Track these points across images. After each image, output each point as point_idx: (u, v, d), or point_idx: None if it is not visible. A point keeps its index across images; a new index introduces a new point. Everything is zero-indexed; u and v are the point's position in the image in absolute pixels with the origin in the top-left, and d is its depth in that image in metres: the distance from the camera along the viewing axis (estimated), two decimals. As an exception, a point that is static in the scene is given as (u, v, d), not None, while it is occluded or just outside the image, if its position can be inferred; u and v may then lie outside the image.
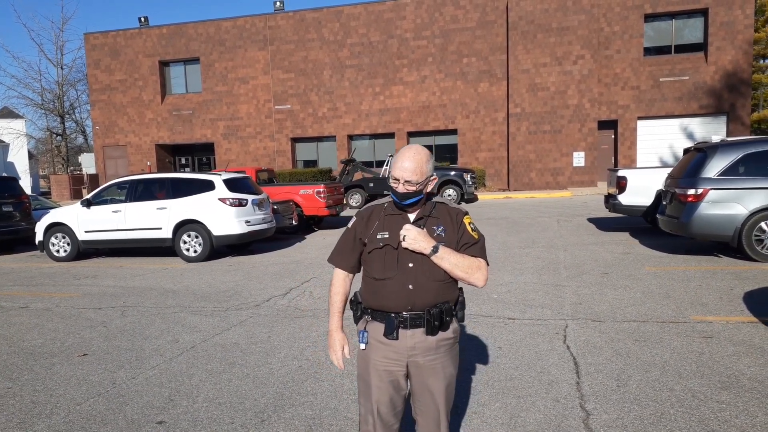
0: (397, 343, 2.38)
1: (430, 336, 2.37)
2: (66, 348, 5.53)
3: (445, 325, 2.40)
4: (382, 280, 2.38)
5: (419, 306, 2.35)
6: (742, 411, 3.57)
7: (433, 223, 2.42)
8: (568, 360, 4.60)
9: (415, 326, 2.36)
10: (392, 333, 2.36)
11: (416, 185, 2.33)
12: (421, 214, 2.44)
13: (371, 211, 2.51)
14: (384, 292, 2.38)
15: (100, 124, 31.43)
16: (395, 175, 2.35)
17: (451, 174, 20.62)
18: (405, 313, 2.36)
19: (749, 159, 8.21)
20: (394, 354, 2.39)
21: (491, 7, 25.61)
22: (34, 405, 4.15)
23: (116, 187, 11.65)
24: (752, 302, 6.01)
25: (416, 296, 2.35)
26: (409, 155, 2.36)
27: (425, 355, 2.38)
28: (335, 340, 2.54)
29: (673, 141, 25.06)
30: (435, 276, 2.35)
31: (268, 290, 7.79)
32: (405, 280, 2.35)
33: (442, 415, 2.44)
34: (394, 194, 2.39)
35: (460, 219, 2.46)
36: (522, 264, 8.81)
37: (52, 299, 7.88)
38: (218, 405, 4.01)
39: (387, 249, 2.38)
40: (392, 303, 2.37)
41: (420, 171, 2.33)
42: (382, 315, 2.40)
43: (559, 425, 3.51)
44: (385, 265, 2.38)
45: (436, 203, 2.48)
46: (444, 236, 2.39)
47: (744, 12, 23.79)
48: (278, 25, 28.22)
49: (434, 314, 2.35)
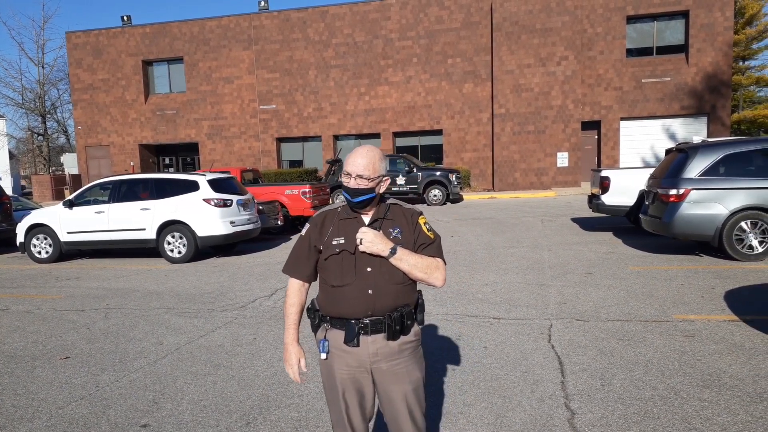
0: (358, 350, 2.33)
1: (391, 341, 2.33)
2: (48, 351, 5.46)
3: (407, 329, 2.37)
4: (340, 287, 2.33)
5: (379, 311, 2.31)
6: (723, 409, 3.62)
7: (388, 225, 2.39)
8: (552, 359, 4.63)
9: (376, 332, 2.32)
10: (353, 340, 2.31)
11: (368, 180, 2.30)
12: (376, 216, 2.40)
13: (324, 216, 2.46)
14: (343, 299, 2.33)
15: (83, 124, 31.06)
16: (347, 170, 2.33)
17: (437, 174, 20.70)
18: (365, 319, 2.31)
19: (729, 160, 8.33)
20: (357, 361, 2.35)
21: (476, 8, 25.71)
22: (15, 409, 4.09)
23: (99, 188, 11.52)
24: (733, 301, 6.10)
25: (376, 301, 2.31)
26: (362, 152, 2.35)
27: (388, 360, 2.35)
28: (291, 354, 2.47)
29: (655, 141, 25.34)
30: (394, 279, 2.32)
31: (254, 291, 7.75)
32: (364, 285, 2.30)
33: (412, 421, 2.40)
34: (346, 191, 2.35)
35: (416, 219, 2.43)
36: (507, 264, 8.86)
37: (33, 301, 7.77)
38: (203, 407, 3.98)
39: (344, 254, 2.33)
40: (352, 309, 2.32)
41: (372, 167, 2.31)
42: (341, 322, 2.35)
43: (544, 425, 3.53)
44: (342, 271, 2.33)
45: (390, 205, 2.45)
46: (401, 238, 2.36)
47: (724, 14, 24.12)
48: (263, 24, 28.09)
49: (395, 318, 2.31)
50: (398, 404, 2.37)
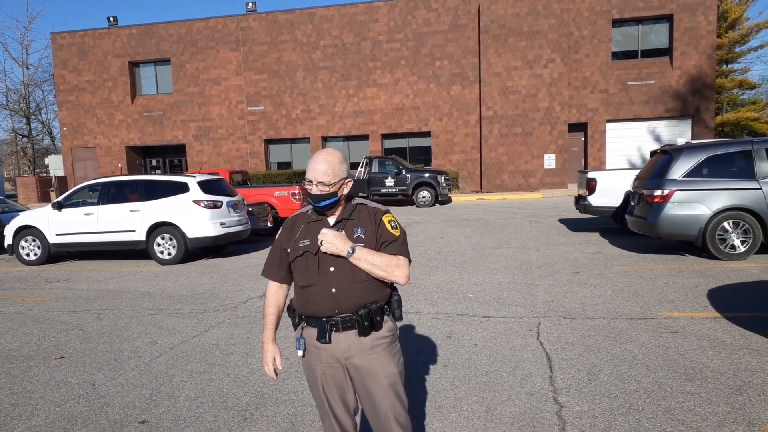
0: (331, 346, 2.40)
1: (363, 337, 2.39)
2: (42, 351, 5.49)
3: (377, 325, 2.41)
4: (307, 286, 2.42)
5: (346, 308, 2.38)
6: (705, 401, 3.76)
7: (352, 225, 2.44)
8: (541, 355, 4.75)
9: (347, 328, 2.38)
10: (324, 337, 2.39)
11: (329, 186, 2.37)
12: (340, 216, 2.47)
13: (294, 220, 2.55)
14: (311, 299, 2.41)
15: (68, 126, 30.86)
16: (308, 177, 2.39)
17: (425, 176, 20.84)
18: (335, 317, 2.38)
19: (712, 161, 8.52)
20: (331, 357, 2.42)
21: (463, 10, 25.91)
22: (13, 407, 4.14)
23: (88, 190, 11.51)
24: (716, 298, 6.26)
25: (341, 299, 2.37)
26: (321, 158, 2.41)
27: (361, 355, 2.40)
28: (267, 352, 2.56)
29: (640, 143, 25.67)
30: (357, 278, 2.37)
31: (245, 292, 7.81)
32: (328, 284, 2.37)
33: (394, 418, 2.42)
34: (309, 197, 2.43)
35: (379, 218, 2.48)
36: (496, 264, 8.99)
37: (24, 303, 7.78)
38: (200, 404, 4.06)
39: (307, 256, 2.41)
40: (320, 308, 2.40)
41: (332, 172, 2.37)
42: (314, 320, 2.43)
43: (533, 417, 3.64)
44: (307, 271, 2.41)
45: (357, 205, 2.51)
46: (364, 237, 2.41)
47: (707, 18, 24.52)
48: (251, 26, 28.10)
49: (362, 315, 2.37)
50: (376, 400, 2.41)
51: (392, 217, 2.53)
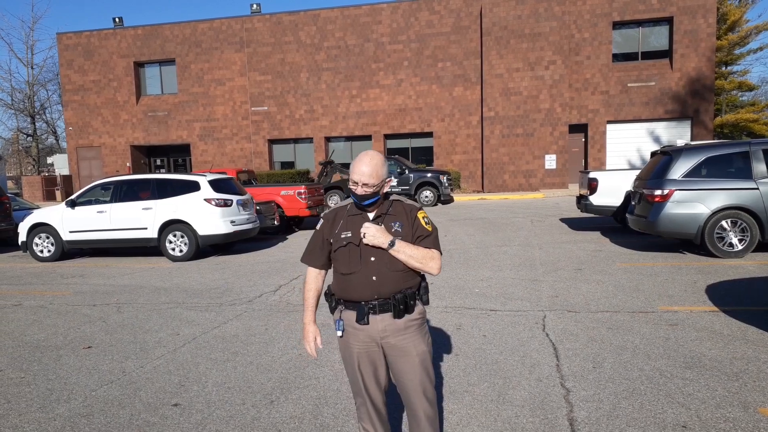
0: (368, 327, 2.65)
1: (397, 319, 2.65)
2: (69, 341, 5.74)
3: (410, 308, 2.68)
4: (348, 274, 2.65)
5: (384, 294, 2.62)
6: (703, 386, 4.00)
7: (390, 220, 2.68)
8: (547, 346, 5.00)
9: (384, 311, 2.63)
10: (363, 319, 2.64)
11: (373, 187, 2.59)
12: (379, 212, 2.71)
13: (335, 213, 2.78)
14: (352, 285, 2.64)
15: (74, 125, 31.11)
16: (354, 179, 2.60)
17: (428, 176, 21.09)
18: (373, 300, 2.62)
19: (711, 162, 8.78)
20: (368, 337, 2.66)
21: (465, 12, 26.17)
22: (50, 392, 4.39)
23: (100, 188, 11.75)
24: (713, 294, 6.51)
25: (380, 286, 2.61)
26: (366, 160, 2.61)
27: (396, 335, 2.65)
28: (309, 332, 2.81)
29: (640, 144, 25.94)
30: (395, 267, 2.62)
31: (258, 287, 8.06)
32: (369, 272, 2.61)
33: (423, 392, 2.68)
34: (354, 196, 2.66)
35: (414, 214, 2.72)
36: (500, 261, 9.24)
37: (44, 297, 8.02)
38: (227, 389, 4.30)
39: (350, 247, 2.65)
40: (360, 294, 2.63)
41: (376, 174, 2.59)
42: (353, 304, 2.66)
43: (543, 400, 3.89)
44: (350, 261, 2.64)
45: (393, 201, 2.75)
46: (401, 231, 2.66)
47: (707, 21, 24.78)
48: (255, 27, 28.36)
49: (399, 299, 2.63)
50: (408, 375, 2.67)
51: (425, 214, 2.78)
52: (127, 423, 3.79)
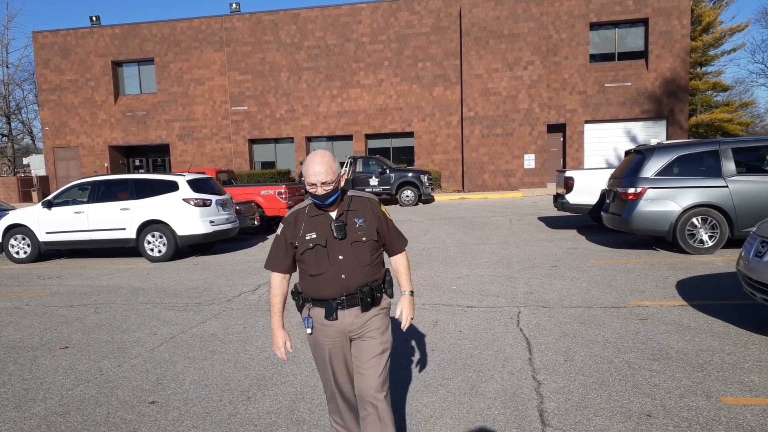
0: (337, 322, 2.72)
1: (365, 312, 2.74)
2: (45, 342, 5.72)
3: (377, 301, 2.78)
4: (318, 275, 2.69)
5: (352, 289, 2.69)
6: (669, 377, 4.13)
7: (353, 216, 2.74)
8: (521, 340, 5.11)
9: (352, 305, 2.70)
10: (332, 315, 2.71)
11: (332, 184, 2.62)
12: (341, 210, 2.74)
13: (295, 216, 2.78)
14: (321, 285, 2.69)
15: (50, 125, 30.69)
16: (311, 180, 2.61)
17: (409, 176, 21.19)
18: (341, 297, 2.69)
19: (682, 160, 8.98)
20: (337, 332, 2.73)
21: (445, 13, 26.33)
22: (26, 392, 4.38)
23: (78, 188, 11.65)
24: (683, 289, 6.68)
25: (349, 282, 2.68)
26: (317, 160, 2.63)
27: (362, 326, 2.74)
28: (278, 337, 2.84)
29: (617, 143, 26.32)
30: (362, 262, 2.71)
31: (238, 287, 8.08)
32: (338, 271, 2.67)
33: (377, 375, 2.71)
34: (316, 198, 2.68)
35: (379, 208, 2.83)
36: (478, 259, 9.35)
37: (20, 298, 7.96)
38: (205, 386, 4.34)
39: (317, 248, 2.68)
40: (330, 292, 2.69)
41: (331, 170, 2.62)
42: (321, 302, 2.72)
43: (514, 393, 3.99)
44: (318, 262, 2.68)
45: (352, 197, 2.79)
46: (365, 226, 2.73)
47: (681, 22, 25.22)
48: (234, 26, 28.24)
49: (366, 292, 2.71)
50: (366, 357, 2.72)
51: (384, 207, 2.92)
52: (103, 421, 3.81)
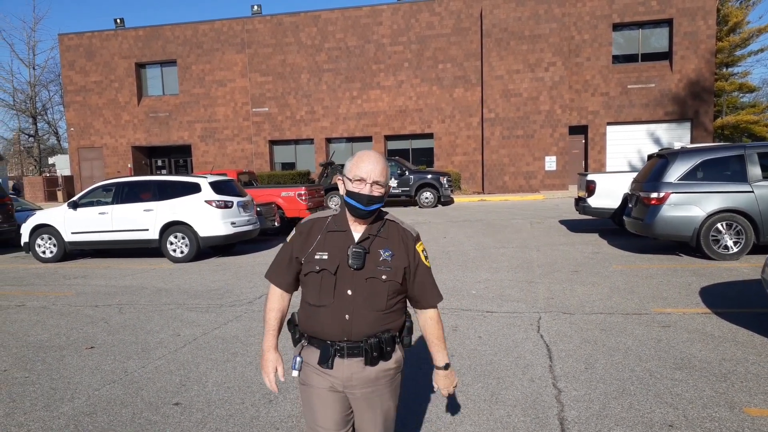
0: (332, 371, 2.18)
1: (369, 366, 2.18)
2: (72, 342, 5.84)
3: (386, 355, 2.20)
4: (317, 306, 2.18)
5: (356, 336, 2.15)
6: (692, 386, 4.10)
7: (379, 244, 2.19)
8: (541, 347, 5.09)
9: (353, 356, 2.16)
10: (327, 362, 2.16)
11: (383, 187, 2.15)
12: (368, 233, 2.20)
13: (311, 225, 2.27)
14: (319, 320, 2.17)
15: (75, 126, 31.26)
16: (362, 175, 2.11)
17: (428, 177, 21.19)
18: (341, 342, 2.16)
19: (706, 165, 8.87)
20: (330, 382, 2.20)
21: (466, 14, 26.27)
22: (54, 391, 4.49)
23: (102, 189, 11.86)
24: (707, 296, 6.60)
25: (353, 326, 2.14)
26: (373, 158, 2.15)
27: (363, 387, 2.20)
28: (267, 361, 2.30)
29: (640, 146, 26.03)
30: (375, 306, 2.16)
31: (259, 288, 8.15)
32: (341, 308, 2.14)
33: None
34: (357, 199, 2.13)
35: (412, 245, 2.26)
36: (498, 263, 9.33)
37: (47, 298, 8.13)
38: (227, 389, 4.40)
39: (324, 274, 2.16)
40: (328, 331, 2.16)
41: (387, 173, 2.16)
42: (318, 342, 2.20)
43: (534, 400, 3.99)
44: (321, 291, 2.16)
45: (386, 221, 2.25)
46: (389, 261, 2.17)
47: (707, 23, 24.86)
48: (256, 28, 28.47)
49: (372, 345, 2.15)
50: (366, 423, 2.28)
51: (424, 246, 2.34)
52: (129, 421, 3.88)
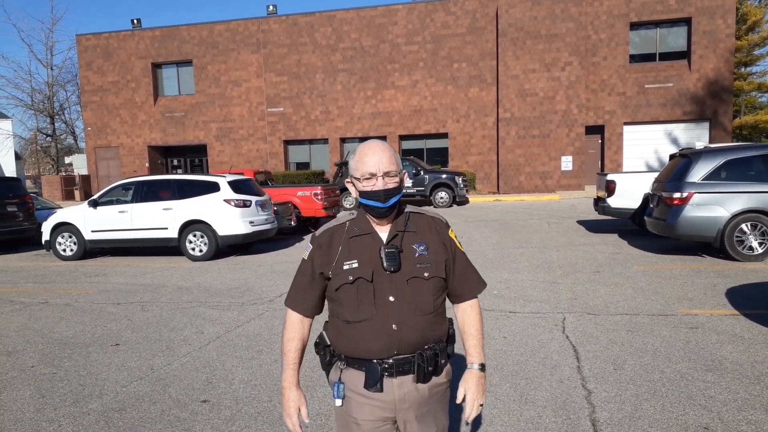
0: (382, 395, 1.91)
1: (421, 384, 1.93)
2: (97, 339, 5.87)
3: (439, 369, 1.97)
4: (357, 322, 1.91)
5: (406, 348, 1.90)
6: (725, 389, 4.03)
7: (411, 239, 1.97)
8: (567, 348, 5.04)
9: (403, 373, 1.91)
10: (376, 384, 1.89)
11: (396, 176, 1.91)
12: (395, 229, 1.96)
13: (330, 234, 2.02)
14: (361, 337, 1.90)
15: (92, 126, 31.53)
16: (369, 170, 1.89)
17: (443, 177, 21.12)
18: (390, 358, 1.90)
19: (730, 165, 8.75)
20: (380, 409, 1.92)
21: (481, 13, 26.17)
22: (82, 387, 4.51)
23: (122, 188, 11.95)
24: (734, 297, 6.51)
25: (402, 337, 1.89)
26: (375, 147, 1.92)
27: (418, 408, 1.95)
28: (289, 401, 2.01)
29: (658, 146, 25.78)
30: (423, 309, 1.93)
31: (278, 287, 8.16)
32: (387, 318, 1.89)
33: None
34: (373, 199, 1.90)
35: (446, 233, 2.04)
36: (517, 263, 9.27)
37: (69, 295, 8.19)
38: (254, 386, 4.40)
39: (360, 283, 1.91)
40: (374, 348, 1.89)
41: (395, 161, 1.92)
42: (360, 363, 1.92)
43: (564, 401, 3.95)
44: (359, 303, 1.91)
45: (410, 213, 2.02)
46: (426, 255, 1.96)
47: (726, 21, 24.57)
48: (271, 28, 28.56)
49: (428, 358, 1.92)
50: None
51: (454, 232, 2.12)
52: (158, 418, 3.89)
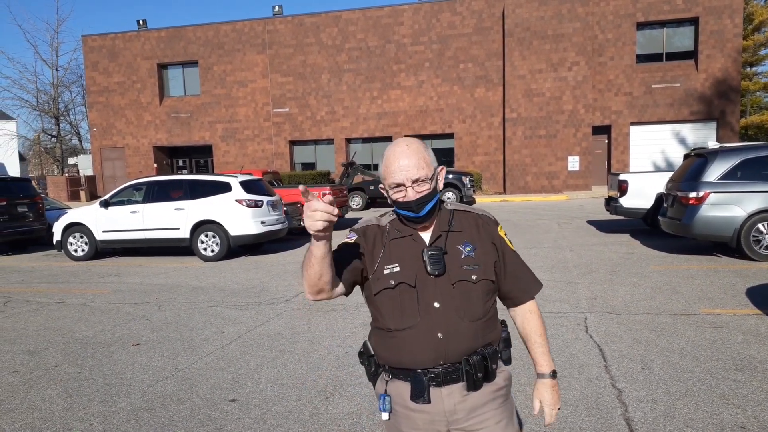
0: (429, 407, 1.80)
1: (472, 392, 1.81)
2: (117, 338, 5.86)
3: (491, 375, 1.83)
4: (400, 330, 1.80)
5: (453, 357, 1.78)
6: (756, 388, 4.00)
7: (456, 240, 1.84)
8: (593, 347, 5.02)
9: (452, 381, 1.79)
10: (422, 396, 1.79)
11: (427, 182, 1.77)
12: (438, 229, 1.84)
13: (373, 234, 1.88)
14: (404, 346, 1.80)
15: (98, 126, 31.57)
16: (396, 180, 1.76)
17: (450, 177, 21.08)
18: (436, 368, 1.78)
19: (747, 164, 8.71)
20: (429, 422, 1.82)
21: (488, 14, 26.15)
22: (109, 386, 4.50)
23: (133, 188, 11.94)
24: (755, 297, 6.47)
25: (449, 345, 1.77)
26: (402, 150, 1.77)
27: (471, 416, 1.82)
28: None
29: (665, 146, 25.73)
30: (472, 315, 1.80)
31: (294, 287, 8.15)
32: (432, 326, 1.77)
33: None
34: (406, 208, 1.79)
35: (495, 232, 1.90)
36: (532, 263, 9.23)
37: (84, 295, 8.18)
38: (281, 386, 4.38)
39: (402, 288, 1.79)
40: (419, 358, 1.78)
41: (425, 162, 1.77)
42: (405, 373, 1.82)
43: (596, 401, 3.92)
44: (402, 310, 1.79)
45: (453, 211, 1.90)
46: (474, 258, 1.82)
47: (733, 21, 24.52)
48: (277, 29, 28.57)
49: (476, 364, 1.78)
50: None
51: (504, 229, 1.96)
52: (189, 417, 3.88)
